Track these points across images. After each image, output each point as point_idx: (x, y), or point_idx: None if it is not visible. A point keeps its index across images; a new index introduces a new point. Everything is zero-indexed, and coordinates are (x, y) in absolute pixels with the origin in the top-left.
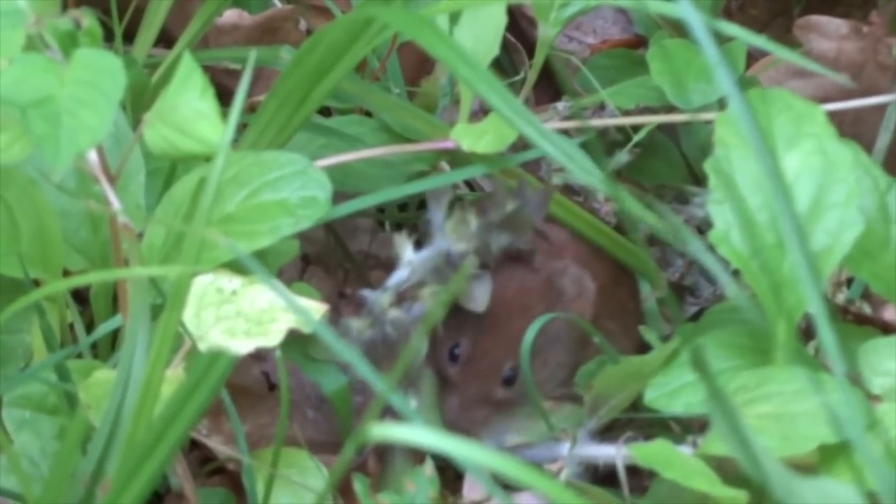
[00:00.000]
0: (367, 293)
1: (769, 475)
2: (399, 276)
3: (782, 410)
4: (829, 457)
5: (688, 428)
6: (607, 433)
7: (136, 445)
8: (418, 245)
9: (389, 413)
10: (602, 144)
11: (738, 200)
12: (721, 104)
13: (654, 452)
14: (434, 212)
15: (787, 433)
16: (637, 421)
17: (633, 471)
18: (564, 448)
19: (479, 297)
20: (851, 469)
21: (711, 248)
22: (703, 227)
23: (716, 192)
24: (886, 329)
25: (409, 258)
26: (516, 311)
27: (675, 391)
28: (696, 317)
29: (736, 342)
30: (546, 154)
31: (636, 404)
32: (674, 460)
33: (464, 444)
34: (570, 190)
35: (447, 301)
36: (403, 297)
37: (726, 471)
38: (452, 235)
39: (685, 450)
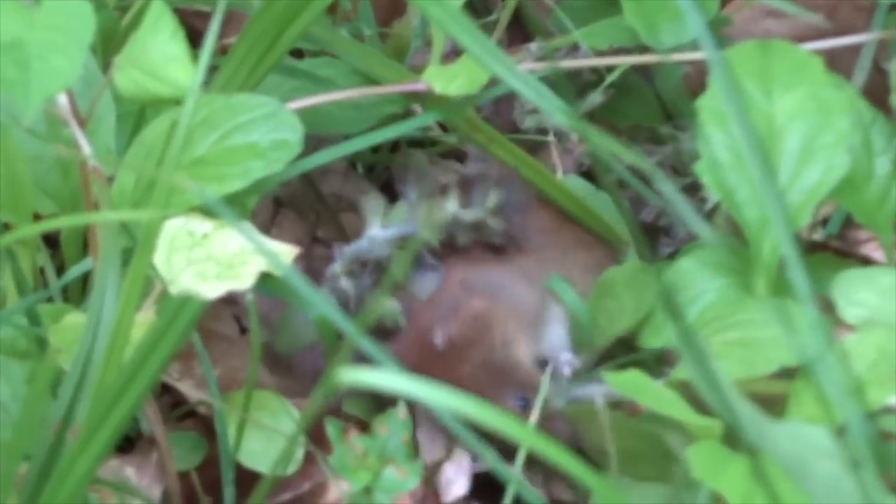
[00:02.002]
0: (336, 248)
1: (738, 415)
2: (357, 246)
3: (749, 336)
4: (799, 389)
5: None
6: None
7: (107, 389)
8: (385, 191)
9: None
10: (575, 85)
11: (727, 134)
12: (695, 44)
13: (629, 381)
14: (410, 189)
15: (750, 357)
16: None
17: None
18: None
19: (424, 290)
20: (819, 401)
21: (685, 189)
22: (677, 168)
23: (705, 126)
24: (865, 263)
25: (374, 233)
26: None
27: (656, 327)
28: (671, 257)
29: (717, 261)
30: (518, 94)
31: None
32: (648, 389)
33: (433, 388)
34: (543, 132)
35: (391, 286)
36: (360, 266)
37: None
38: (424, 222)
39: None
